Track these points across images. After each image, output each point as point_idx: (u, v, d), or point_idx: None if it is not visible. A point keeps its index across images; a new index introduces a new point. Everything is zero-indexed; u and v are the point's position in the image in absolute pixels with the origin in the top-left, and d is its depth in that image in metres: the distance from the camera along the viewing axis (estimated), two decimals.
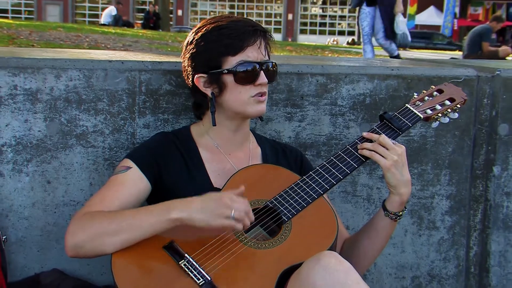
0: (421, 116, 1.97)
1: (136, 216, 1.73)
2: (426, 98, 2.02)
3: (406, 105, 1.99)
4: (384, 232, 1.94)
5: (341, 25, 40.40)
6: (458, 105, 2.02)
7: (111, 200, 1.83)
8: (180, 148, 1.97)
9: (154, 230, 1.71)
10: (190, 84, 1.97)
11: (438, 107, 1.99)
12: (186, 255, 1.69)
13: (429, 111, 1.98)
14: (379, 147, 1.86)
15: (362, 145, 1.89)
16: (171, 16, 31.67)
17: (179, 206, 1.70)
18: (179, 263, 1.68)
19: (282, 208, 1.81)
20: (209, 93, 1.93)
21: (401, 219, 1.93)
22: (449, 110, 2.01)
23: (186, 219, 1.68)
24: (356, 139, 1.93)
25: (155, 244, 1.71)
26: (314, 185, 1.85)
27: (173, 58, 2.32)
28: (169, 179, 1.91)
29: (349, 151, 1.91)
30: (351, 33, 36.58)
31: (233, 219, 1.66)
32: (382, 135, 1.88)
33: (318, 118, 2.40)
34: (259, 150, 2.08)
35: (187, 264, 1.67)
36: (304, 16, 38.73)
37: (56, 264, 2.16)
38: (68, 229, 1.76)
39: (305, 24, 38.36)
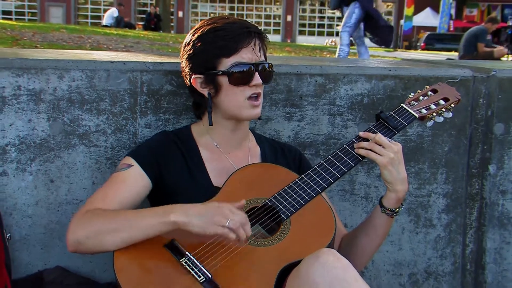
0: (416, 116, 1.97)
1: (137, 217, 1.74)
2: (421, 98, 2.02)
3: (402, 105, 1.99)
4: (381, 229, 1.94)
5: (339, 27, 40.34)
6: (452, 105, 2.03)
7: (113, 198, 1.83)
8: (181, 147, 1.97)
9: (153, 232, 1.71)
10: (188, 84, 1.98)
11: (433, 107, 1.99)
12: (187, 253, 1.69)
13: (424, 111, 1.98)
14: (376, 146, 1.86)
15: (359, 144, 1.89)
16: (172, 18, 31.66)
17: (179, 210, 1.69)
18: (180, 261, 1.68)
19: (281, 207, 1.81)
20: (206, 94, 1.93)
21: (398, 217, 1.93)
22: (444, 110, 2.01)
23: (184, 223, 1.67)
24: (353, 138, 1.93)
25: (156, 243, 1.72)
26: (312, 184, 1.85)
27: (174, 59, 2.32)
28: (170, 178, 1.91)
29: (346, 150, 1.91)
30: None
31: (227, 228, 1.66)
32: (378, 134, 1.88)
33: (317, 118, 2.40)
34: (258, 149, 2.08)
35: (188, 262, 1.68)
36: (303, 18, 38.68)
37: (59, 261, 2.16)
38: (70, 226, 1.76)
39: (304, 26, 38.31)
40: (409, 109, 1.98)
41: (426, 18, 34.00)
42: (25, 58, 2.12)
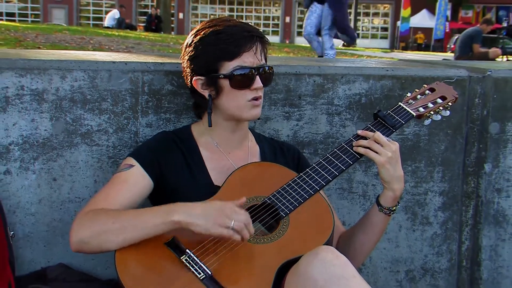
0: (414, 114, 1.96)
1: (139, 216, 1.73)
2: (419, 97, 2.02)
3: (399, 104, 1.99)
4: (378, 227, 1.94)
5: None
6: (450, 103, 2.02)
7: (115, 197, 1.83)
8: (181, 147, 1.97)
9: (156, 231, 1.70)
10: (189, 85, 1.97)
11: (430, 105, 1.99)
12: (187, 251, 1.68)
13: (422, 109, 1.98)
14: (374, 144, 1.85)
15: (357, 143, 1.89)
16: (172, 19, 31.64)
17: (181, 210, 1.69)
18: (181, 258, 1.68)
19: (280, 204, 1.81)
20: (206, 95, 1.92)
21: (395, 215, 1.93)
22: (441, 108, 2.01)
23: (186, 223, 1.67)
24: (351, 137, 1.92)
25: (157, 240, 1.71)
26: (311, 182, 1.85)
27: (175, 60, 2.32)
28: (171, 177, 1.91)
29: (345, 149, 1.90)
30: None
31: (232, 230, 1.65)
32: (377, 133, 1.87)
33: (315, 117, 2.40)
34: (258, 148, 2.08)
35: (188, 259, 1.67)
36: (301, 19, 38.60)
37: (62, 259, 2.16)
38: (73, 226, 1.75)
39: (302, 27, 38.36)
40: (407, 108, 1.97)
41: (423, 20, 34.02)
42: (28, 59, 2.12)
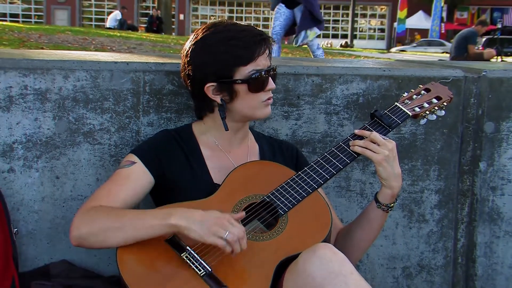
0: (410, 114, 1.96)
1: (139, 217, 1.73)
2: (414, 97, 2.02)
3: (396, 104, 1.99)
4: (376, 223, 1.94)
5: (335, 29, 40.38)
6: (445, 103, 2.02)
7: (116, 193, 1.83)
8: (182, 145, 1.97)
9: (154, 232, 1.70)
10: (196, 92, 1.93)
11: (426, 105, 1.99)
12: (188, 248, 1.68)
13: (417, 109, 1.98)
14: (371, 144, 1.85)
15: (354, 142, 1.88)
16: (173, 20, 31.63)
17: (180, 214, 1.68)
18: (181, 255, 1.68)
19: (279, 202, 1.81)
20: (219, 100, 1.89)
21: (392, 212, 1.93)
22: (436, 108, 2.00)
23: (183, 228, 1.66)
24: (349, 136, 1.92)
25: (158, 237, 1.71)
26: (309, 180, 1.85)
27: (175, 60, 2.31)
28: (171, 174, 1.91)
29: (342, 148, 1.90)
30: (344, 36, 36.57)
31: (225, 241, 1.64)
32: (373, 132, 1.87)
33: (314, 117, 2.39)
34: (257, 147, 2.07)
35: (189, 256, 1.67)
36: None
37: (65, 255, 2.16)
38: (74, 221, 1.75)
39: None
40: (403, 108, 1.97)
41: (419, 21, 34.08)
42: (32, 59, 2.12)
